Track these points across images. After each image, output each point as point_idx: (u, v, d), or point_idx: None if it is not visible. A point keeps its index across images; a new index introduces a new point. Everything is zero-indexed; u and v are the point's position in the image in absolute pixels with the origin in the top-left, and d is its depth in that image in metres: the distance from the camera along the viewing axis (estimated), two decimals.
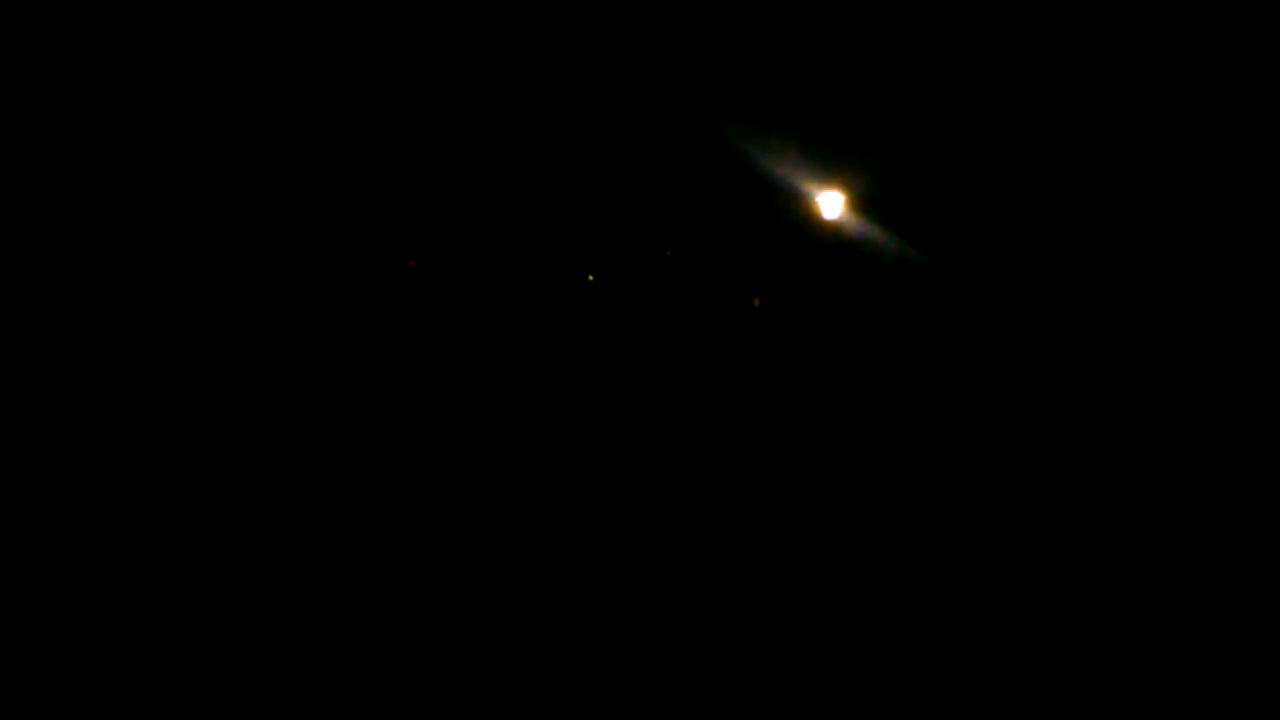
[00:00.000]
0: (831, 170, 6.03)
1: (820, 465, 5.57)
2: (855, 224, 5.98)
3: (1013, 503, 5.25)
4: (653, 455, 5.50)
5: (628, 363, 5.89)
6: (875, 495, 5.42)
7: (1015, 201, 5.82)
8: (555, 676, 3.83)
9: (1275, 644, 3.77)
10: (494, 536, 4.83)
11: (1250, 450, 4.90)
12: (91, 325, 4.29)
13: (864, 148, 6.00)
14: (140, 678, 3.43)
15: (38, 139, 4.19)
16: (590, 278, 5.82)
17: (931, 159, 5.93)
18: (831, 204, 6.01)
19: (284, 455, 4.40)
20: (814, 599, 4.77)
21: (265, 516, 4.23)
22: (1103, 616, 4.44)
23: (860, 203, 5.97)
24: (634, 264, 5.88)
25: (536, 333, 5.67)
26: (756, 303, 5.98)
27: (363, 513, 4.56)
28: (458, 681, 3.72)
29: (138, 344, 4.38)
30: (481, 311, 5.58)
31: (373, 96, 5.00)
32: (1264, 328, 5.01)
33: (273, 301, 4.72)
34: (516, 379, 5.42)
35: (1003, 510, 5.23)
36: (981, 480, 5.35)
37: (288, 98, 4.77)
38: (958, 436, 5.51)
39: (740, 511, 5.34)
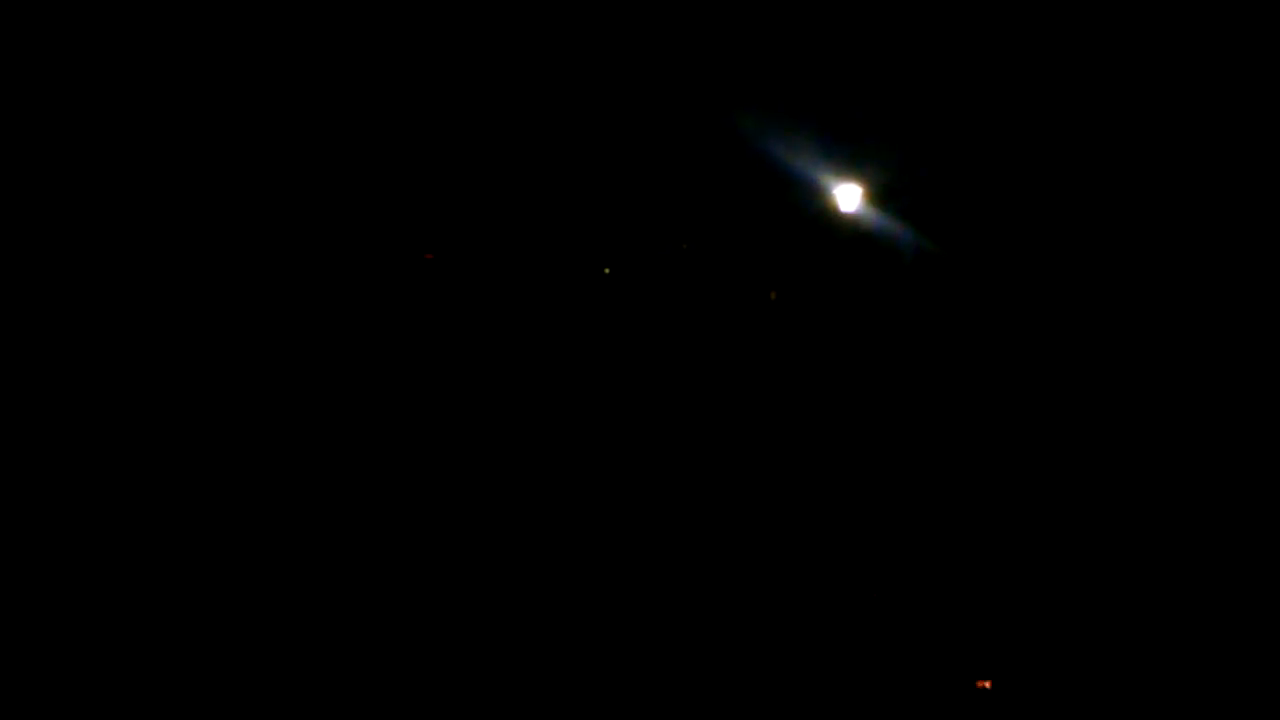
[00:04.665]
0: (849, 162, 5.97)
1: (837, 460, 5.54)
2: (873, 216, 5.92)
3: (1033, 499, 5.18)
4: (667, 451, 5.49)
5: (644, 355, 5.88)
6: (892, 491, 5.38)
7: (1036, 194, 5.73)
8: (555, 677, 3.81)
9: (1276, 644, 3.68)
10: (504, 536, 4.80)
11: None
12: (94, 325, 4.30)
13: (882, 139, 5.94)
14: (140, 678, 3.42)
15: (38, 139, 4.22)
16: (607, 270, 5.81)
17: (951, 151, 5.85)
18: (849, 196, 5.95)
19: (292, 454, 4.40)
20: (828, 600, 4.73)
21: (272, 517, 4.23)
22: (1129, 619, 4.34)
23: (878, 195, 5.91)
24: (650, 256, 5.86)
25: (552, 325, 5.68)
26: (773, 295, 5.94)
27: (370, 512, 4.55)
28: (457, 681, 3.70)
29: (140, 344, 4.39)
30: (498, 304, 5.59)
31: (387, 89, 5.02)
32: None
33: (285, 297, 4.75)
34: (532, 372, 5.44)
35: (1023, 507, 5.16)
36: (1000, 476, 5.28)
37: (300, 90, 4.79)
38: (976, 431, 5.46)
39: (756, 508, 5.32)
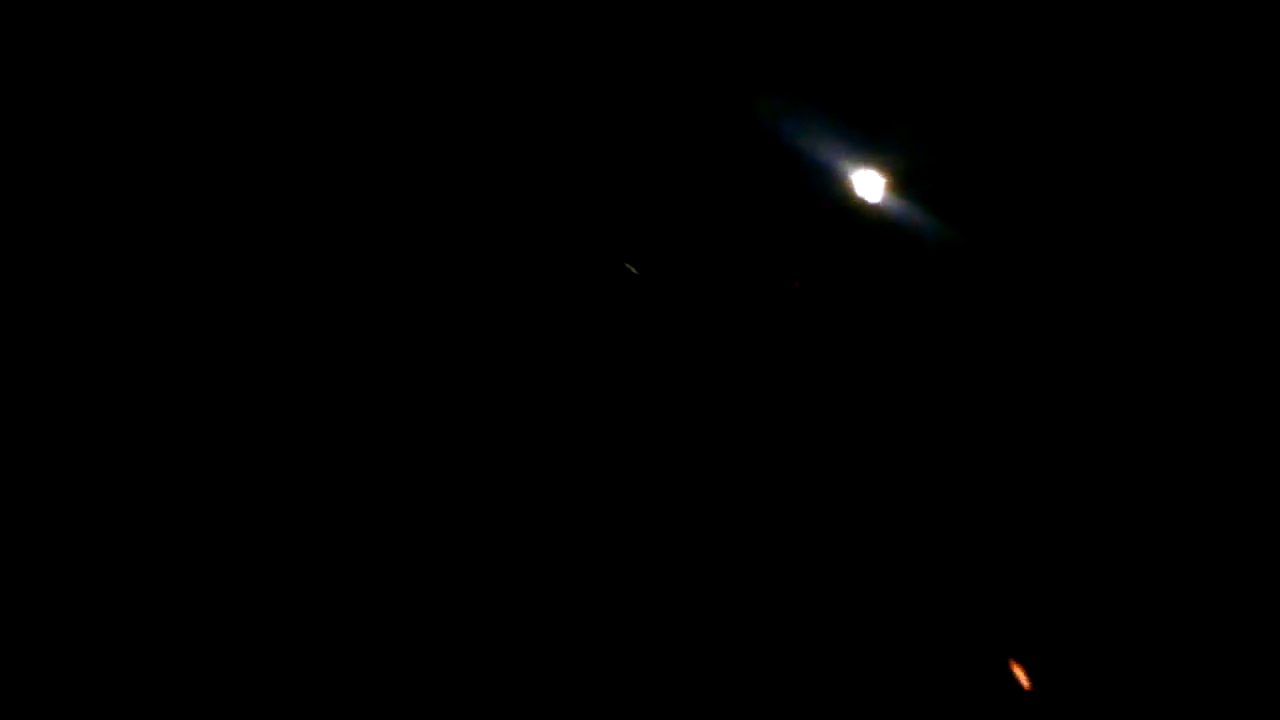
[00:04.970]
0: (870, 148, 5.89)
1: (860, 455, 5.51)
2: (894, 204, 5.84)
3: (1060, 495, 5.10)
4: (690, 446, 5.50)
5: (667, 349, 5.89)
6: (915, 486, 5.34)
7: (1063, 181, 5.60)
8: (555, 677, 3.86)
9: (1276, 644, 3.62)
10: (517, 543, 4.81)
11: None
12: (90, 325, 4.33)
13: (903, 124, 5.84)
14: (140, 678, 3.49)
15: (38, 139, 4.24)
16: (630, 268, 5.82)
17: (974, 137, 5.74)
18: (869, 183, 5.88)
19: (284, 455, 4.38)
20: (845, 601, 4.73)
21: (265, 516, 4.24)
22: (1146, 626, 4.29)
23: (900, 182, 5.83)
24: (667, 247, 5.86)
25: (567, 314, 5.69)
26: (796, 285, 5.91)
27: (366, 514, 4.55)
28: (458, 681, 3.77)
29: (137, 343, 4.41)
30: (508, 295, 5.60)
31: (389, 79, 4.99)
32: None
33: (273, 300, 4.74)
34: (543, 364, 5.45)
35: (1049, 503, 5.09)
36: (1025, 471, 5.21)
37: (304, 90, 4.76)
38: (1001, 425, 5.39)
39: (778, 505, 5.32)
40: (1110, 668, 4.03)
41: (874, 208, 6.11)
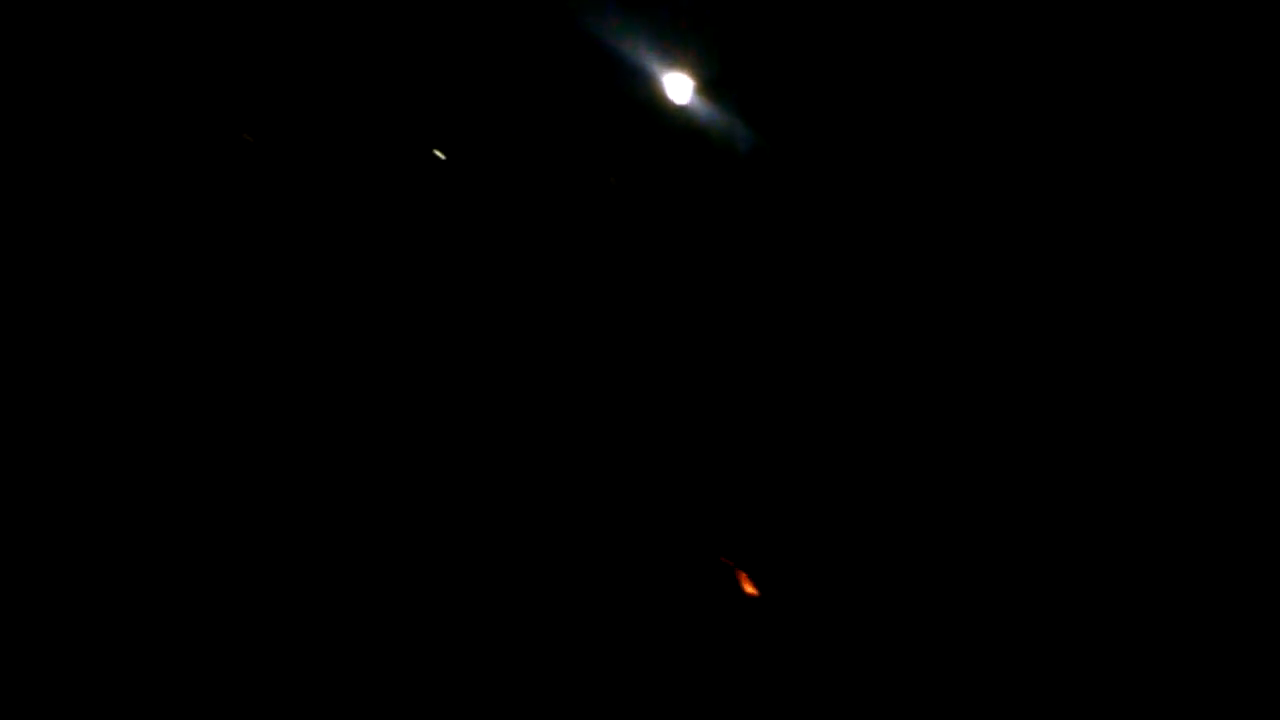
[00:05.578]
0: (679, 51, 6.04)
1: (672, 364, 5.60)
2: (704, 108, 6.06)
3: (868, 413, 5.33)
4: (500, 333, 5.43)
5: (483, 238, 5.79)
6: (723, 400, 5.49)
7: (876, 92, 5.83)
8: (554, 676, 3.84)
9: (1276, 644, 3.83)
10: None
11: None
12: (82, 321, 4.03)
13: (715, 27, 6.01)
14: (140, 678, 3.30)
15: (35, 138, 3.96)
16: (440, 155, 5.63)
17: (781, 43, 5.99)
18: (679, 86, 6.05)
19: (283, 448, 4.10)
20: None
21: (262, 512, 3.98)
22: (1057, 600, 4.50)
23: (709, 86, 6.04)
24: (475, 138, 5.73)
25: (392, 216, 5.46)
26: (613, 180, 6.00)
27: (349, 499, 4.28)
28: (458, 681, 3.69)
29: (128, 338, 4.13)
30: (319, 191, 5.31)
31: None
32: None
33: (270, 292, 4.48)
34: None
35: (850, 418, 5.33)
36: (837, 393, 5.40)
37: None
38: (811, 336, 5.55)
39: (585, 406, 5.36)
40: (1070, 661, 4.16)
41: (684, 110, 6.30)
